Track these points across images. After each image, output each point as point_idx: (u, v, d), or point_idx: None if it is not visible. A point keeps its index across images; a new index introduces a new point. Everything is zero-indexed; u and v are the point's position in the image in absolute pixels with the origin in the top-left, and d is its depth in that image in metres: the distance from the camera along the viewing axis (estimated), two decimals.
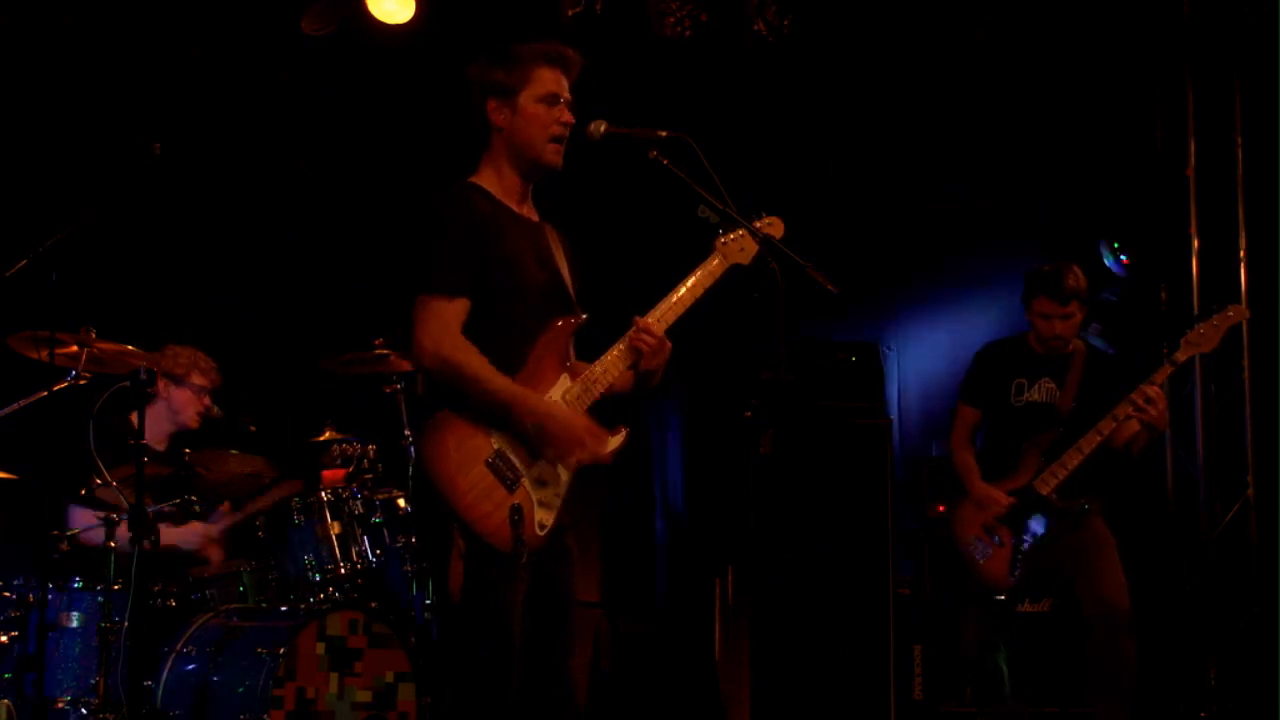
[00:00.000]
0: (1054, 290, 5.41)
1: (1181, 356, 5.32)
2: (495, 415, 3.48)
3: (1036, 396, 5.52)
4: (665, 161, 3.60)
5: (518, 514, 3.43)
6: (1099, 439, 5.30)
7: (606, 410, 3.63)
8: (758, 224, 3.73)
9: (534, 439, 3.50)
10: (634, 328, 3.63)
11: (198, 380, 5.74)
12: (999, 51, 7.05)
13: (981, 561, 5.44)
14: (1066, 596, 5.64)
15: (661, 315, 3.66)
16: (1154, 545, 6.88)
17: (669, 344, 3.65)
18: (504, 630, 3.44)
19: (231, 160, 6.70)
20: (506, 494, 3.45)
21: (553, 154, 3.64)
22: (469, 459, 3.44)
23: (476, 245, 3.53)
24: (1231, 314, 5.35)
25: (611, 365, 3.63)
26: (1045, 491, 5.36)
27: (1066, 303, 5.41)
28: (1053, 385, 5.51)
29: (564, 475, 3.56)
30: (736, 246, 3.70)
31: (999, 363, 5.60)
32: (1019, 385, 5.54)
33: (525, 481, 3.49)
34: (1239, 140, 6.76)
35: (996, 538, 5.42)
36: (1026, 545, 5.38)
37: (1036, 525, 5.38)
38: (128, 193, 4.63)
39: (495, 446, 3.47)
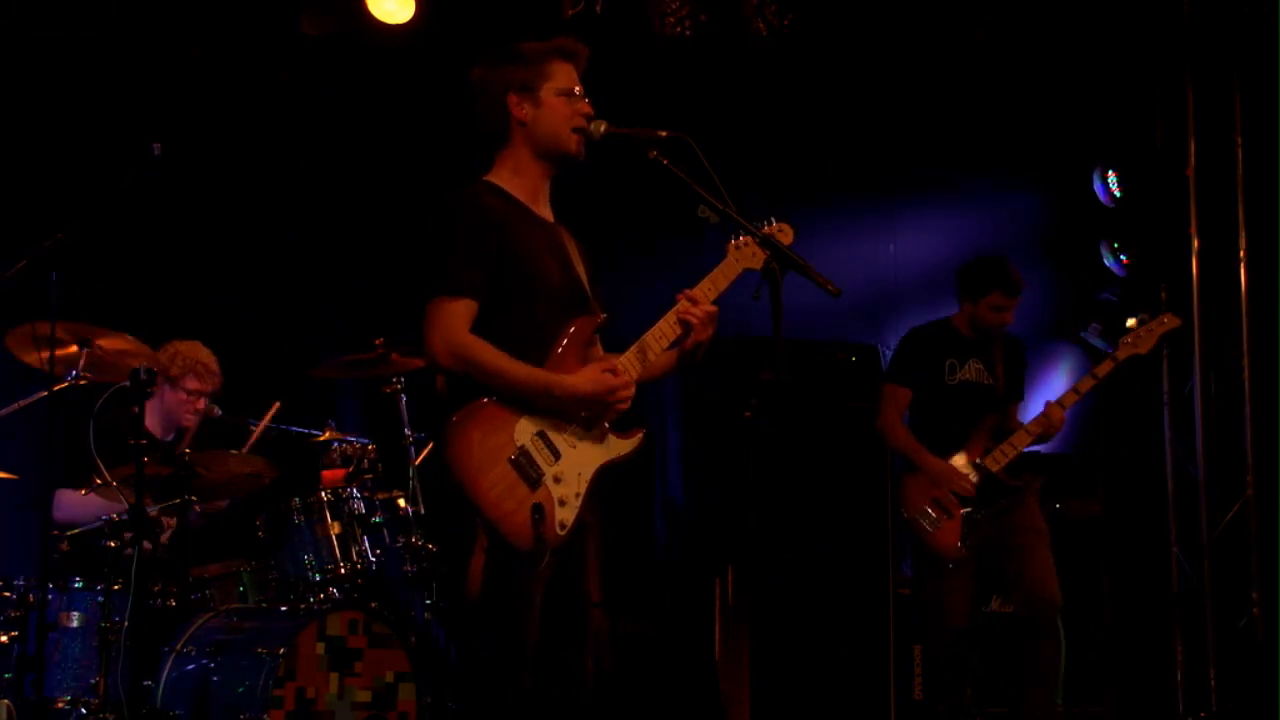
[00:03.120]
0: (1008, 285, 5.77)
1: (1122, 355, 5.69)
2: (520, 404, 3.48)
3: (969, 376, 5.82)
4: (665, 161, 3.60)
5: (539, 512, 3.43)
6: (1046, 422, 5.66)
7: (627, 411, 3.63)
8: (767, 229, 3.73)
9: (568, 411, 3.51)
10: (681, 302, 3.63)
11: (192, 384, 5.67)
12: (999, 51, 7.06)
13: (932, 532, 5.68)
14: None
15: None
16: (1154, 545, 6.89)
17: (716, 310, 3.66)
18: (521, 629, 3.44)
19: (231, 160, 6.70)
20: (529, 492, 3.45)
21: (577, 143, 3.67)
22: (493, 456, 3.44)
23: (491, 245, 3.53)
24: (1166, 321, 5.74)
25: (655, 344, 3.62)
26: (995, 469, 5.67)
27: (1016, 296, 5.79)
28: (981, 366, 5.83)
29: (585, 474, 3.56)
30: (749, 251, 3.70)
31: (930, 344, 5.90)
32: (951, 365, 5.83)
33: (547, 480, 3.49)
34: (1239, 140, 6.77)
35: (946, 510, 5.67)
36: (975, 518, 5.65)
37: (985, 499, 5.67)
38: (128, 192, 4.63)
39: (519, 444, 3.47)
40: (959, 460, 5.71)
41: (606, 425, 3.61)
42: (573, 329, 3.60)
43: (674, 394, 7.10)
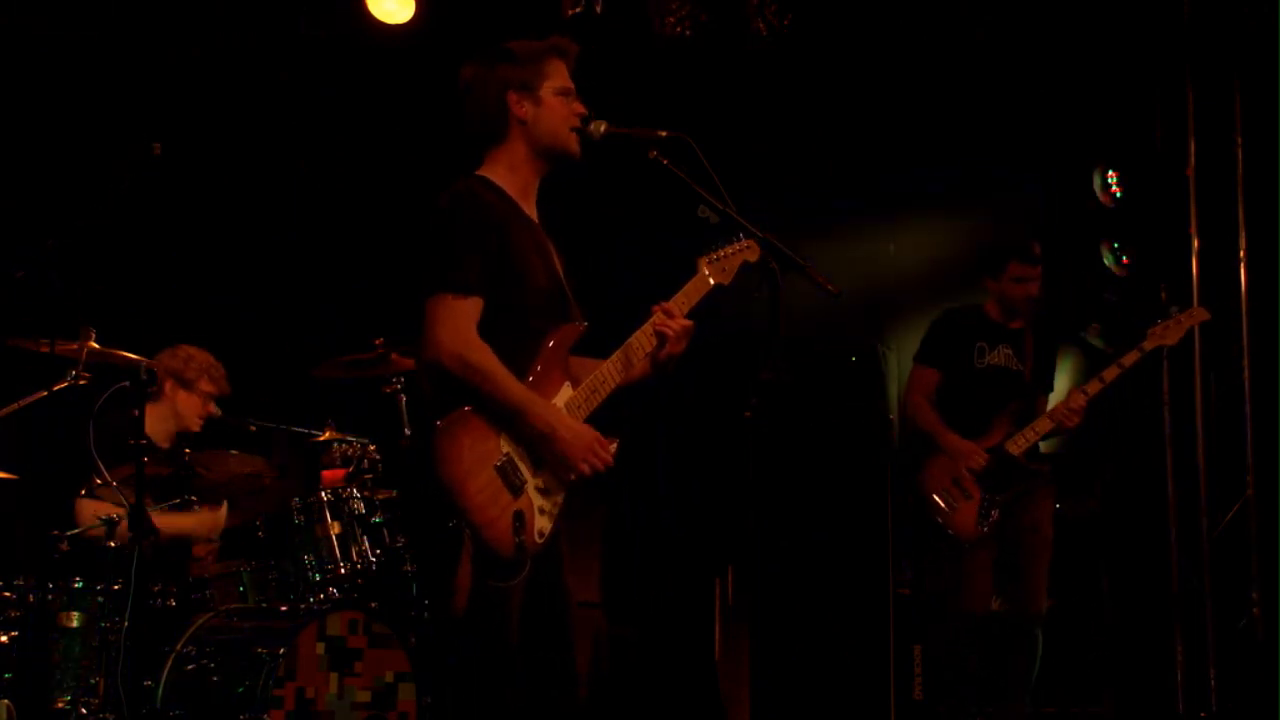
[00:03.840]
0: (1025, 254, 5.80)
1: (1149, 345, 5.69)
2: (505, 418, 3.48)
3: (998, 361, 5.83)
4: (665, 161, 3.60)
5: (520, 520, 3.43)
6: (1068, 410, 5.63)
7: (607, 414, 3.63)
8: (737, 245, 3.73)
9: (539, 447, 3.51)
10: (656, 315, 3.64)
11: (207, 387, 5.73)
12: (999, 51, 7.05)
13: (950, 513, 5.70)
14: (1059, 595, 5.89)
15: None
16: (1154, 545, 6.88)
17: (692, 324, 3.67)
18: (503, 633, 3.44)
19: (231, 160, 6.70)
20: (511, 499, 3.46)
21: (576, 143, 3.68)
22: (480, 462, 3.44)
23: (492, 244, 3.53)
24: (1195, 314, 5.80)
25: (630, 357, 3.63)
26: (1016, 453, 5.68)
27: (1037, 264, 5.81)
28: (1010, 351, 5.84)
29: (564, 483, 3.57)
30: (719, 267, 3.73)
31: (960, 327, 5.91)
32: (980, 349, 5.85)
33: (529, 488, 3.50)
34: (1239, 140, 6.76)
35: (965, 491, 5.68)
36: (994, 500, 5.67)
37: (1003, 483, 5.69)
38: (128, 192, 4.63)
39: (504, 451, 3.48)
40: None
41: None
42: (554, 340, 3.60)
43: (673, 392, 7.09)
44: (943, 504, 5.70)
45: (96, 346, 5.06)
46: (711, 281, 3.73)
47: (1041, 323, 5.91)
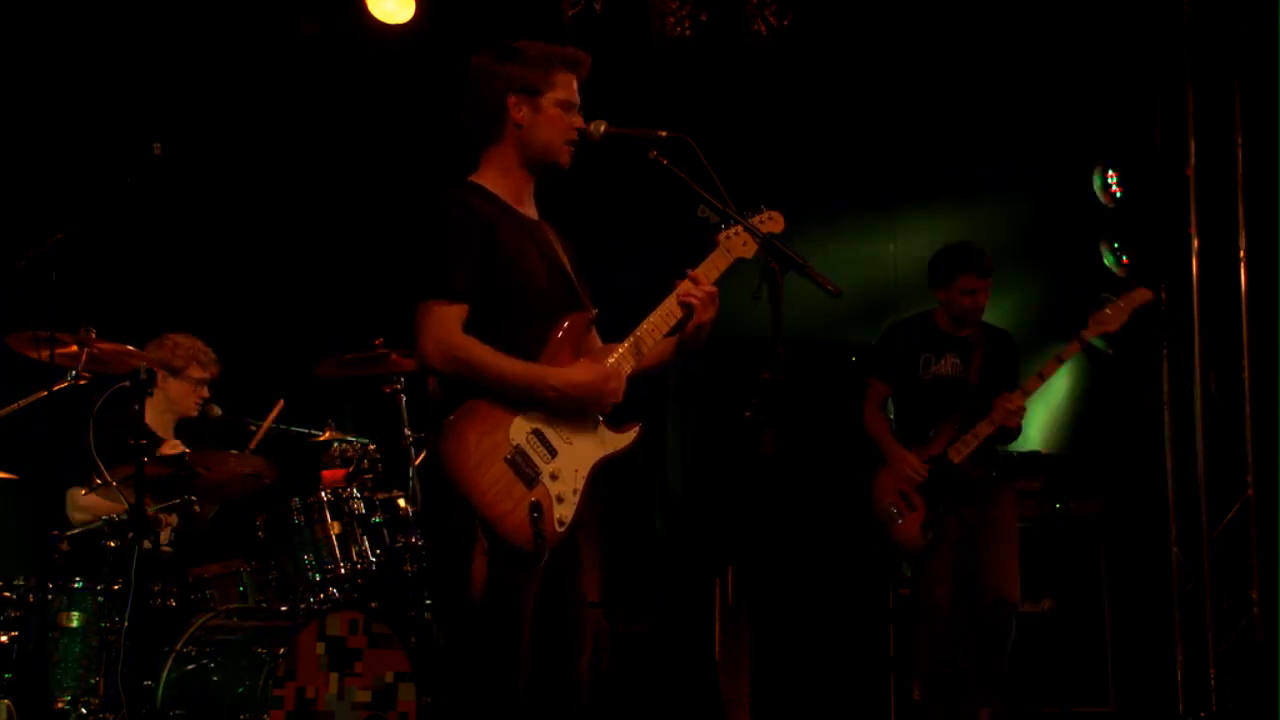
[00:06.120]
0: (978, 266, 5.77)
1: (1089, 335, 5.63)
2: (515, 402, 3.48)
3: (944, 370, 5.81)
4: (665, 161, 3.60)
5: (538, 510, 3.43)
6: (1004, 409, 5.62)
7: (624, 403, 3.63)
8: (758, 218, 3.72)
9: (563, 408, 3.51)
10: (681, 285, 3.61)
11: (196, 373, 5.77)
12: (999, 51, 7.06)
13: (897, 524, 5.70)
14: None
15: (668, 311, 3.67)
16: (1154, 545, 6.89)
17: (716, 290, 3.64)
18: (517, 629, 3.44)
19: (231, 160, 6.70)
20: (526, 491, 3.45)
21: (567, 156, 3.67)
22: (488, 456, 3.43)
23: (478, 247, 3.53)
24: (1136, 296, 5.64)
25: (647, 336, 3.62)
26: (957, 460, 5.65)
27: (987, 276, 5.78)
28: (958, 360, 5.81)
29: (582, 470, 3.56)
30: (740, 240, 3.70)
31: (906, 339, 5.90)
32: (926, 360, 5.83)
33: (544, 478, 3.49)
34: (1239, 140, 6.76)
35: (911, 502, 5.68)
36: (938, 510, 5.66)
37: (948, 491, 5.67)
38: (128, 192, 4.63)
39: (514, 443, 3.47)
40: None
41: (601, 420, 3.61)
42: (565, 325, 3.60)
43: (673, 392, 7.10)
44: (889, 517, 5.71)
45: (103, 346, 5.07)
46: (732, 254, 3.71)
47: (994, 330, 5.87)
